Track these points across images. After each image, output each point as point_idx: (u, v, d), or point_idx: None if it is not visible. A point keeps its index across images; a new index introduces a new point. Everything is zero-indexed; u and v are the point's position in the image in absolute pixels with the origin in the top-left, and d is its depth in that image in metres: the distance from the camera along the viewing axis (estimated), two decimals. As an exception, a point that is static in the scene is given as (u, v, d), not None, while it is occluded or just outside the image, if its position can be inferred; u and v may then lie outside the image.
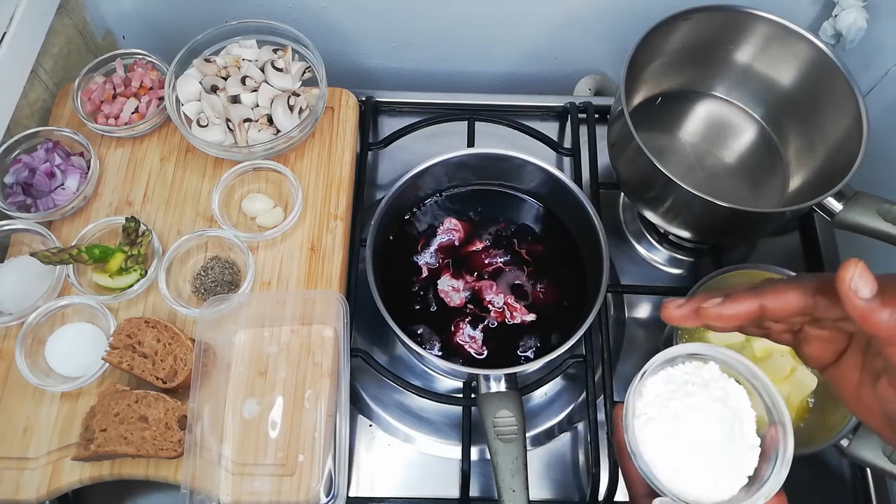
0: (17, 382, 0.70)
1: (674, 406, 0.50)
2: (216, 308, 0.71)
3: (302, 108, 0.81)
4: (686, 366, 0.52)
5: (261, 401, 0.70)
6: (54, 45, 0.87)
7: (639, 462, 0.48)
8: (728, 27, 0.80)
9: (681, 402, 0.50)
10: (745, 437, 0.49)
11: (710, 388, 0.50)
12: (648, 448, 0.49)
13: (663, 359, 0.51)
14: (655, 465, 0.48)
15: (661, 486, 0.47)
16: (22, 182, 0.78)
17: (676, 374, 0.51)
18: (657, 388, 0.51)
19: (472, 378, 0.72)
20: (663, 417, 0.50)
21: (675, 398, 0.50)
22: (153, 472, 0.68)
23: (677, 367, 0.52)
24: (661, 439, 0.49)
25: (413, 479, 0.75)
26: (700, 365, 0.51)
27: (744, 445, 0.49)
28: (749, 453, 0.49)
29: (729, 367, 0.51)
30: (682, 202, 0.72)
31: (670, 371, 0.52)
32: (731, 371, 0.51)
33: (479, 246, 0.80)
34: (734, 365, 0.51)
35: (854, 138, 0.70)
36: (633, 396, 0.50)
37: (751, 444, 0.49)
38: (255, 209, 0.79)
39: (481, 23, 0.97)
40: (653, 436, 0.49)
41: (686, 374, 0.51)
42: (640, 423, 0.50)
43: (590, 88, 1.05)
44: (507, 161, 0.78)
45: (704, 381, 0.51)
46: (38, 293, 0.72)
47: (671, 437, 0.49)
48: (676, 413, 0.49)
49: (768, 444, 0.49)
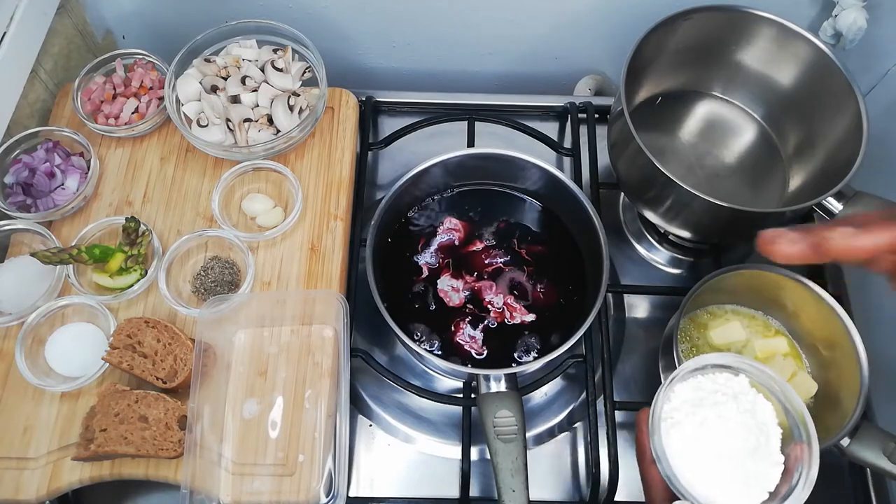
0: (17, 382, 0.70)
1: (701, 413, 0.50)
2: (216, 308, 0.71)
3: (302, 108, 0.81)
4: (716, 375, 0.52)
5: (261, 401, 0.70)
6: (54, 45, 0.87)
7: (662, 465, 0.48)
8: (728, 27, 0.80)
9: (709, 411, 0.50)
10: (769, 453, 0.49)
11: (739, 401, 0.50)
12: (672, 452, 0.49)
13: (694, 366, 0.51)
14: (678, 468, 0.48)
15: (682, 490, 0.47)
16: (22, 182, 0.78)
17: (706, 383, 0.51)
18: (686, 394, 0.51)
19: (472, 378, 0.72)
20: (690, 423, 0.50)
21: (704, 406, 0.50)
22: (153, 472, 0.68)
23: (707, 376, 0.52)
24: (685, 444, 0.49)
25: (413, 479, 0.75)
26: (731, 376, 0.51)
27: (768, 461, 0.49)
28: (772, 469, 0.49)
29: (759, 381, 0.51)
30: (682, 202, 0.72)
31: (700, 379, 0.52)
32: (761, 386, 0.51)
33: (479, 246, 0.80)
34: (765, 380, 0.51)
35: (854, 138, 0.70)
36: (661, 400, 0.50)
37: (775, 459, 0.49)
38: (255, 209, 0.79)
39: (481, 23, 0.97)
40: (677, 440, 0.49)
41: (716, 384, 0.51)
42: (665, 426, 0.50)
43: (590, 88, 1.05)
44: (507, 161, 0.78)
45: (734, 393, 0.51)
46: (38, 293, 0.72)
47: (696, 444, 0.49)
48: (703, 420, 0.49)
49: (792, 462, 0.49)
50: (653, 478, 0.50)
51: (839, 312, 0.67)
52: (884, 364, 0.76)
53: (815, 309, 0.69)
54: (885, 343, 0.79)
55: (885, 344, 0.78)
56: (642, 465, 0.51)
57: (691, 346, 0.74)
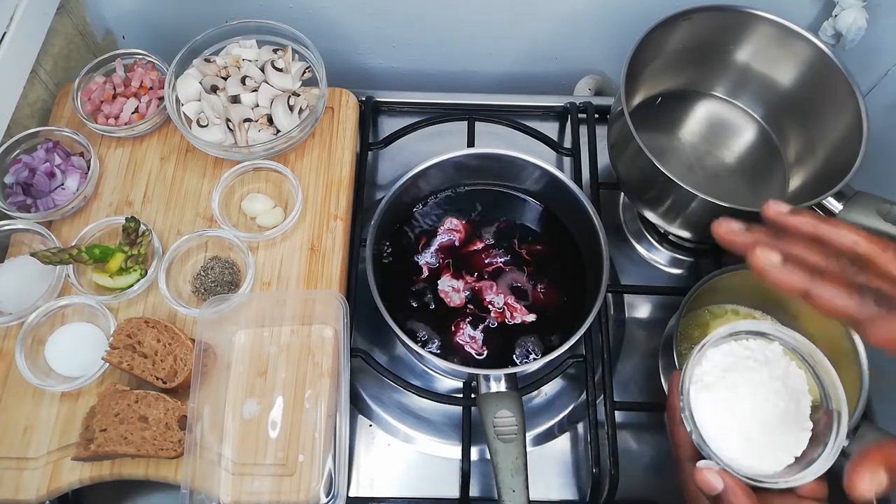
0: (17, 382, 0.70)
1: (732, 377, 0.50)
2: (216, 308, 0.71)
3: (302, 108, 0.81)
4: (750, 342, 0.52)
5: (261, 401, 0.70)
6: (54, 45, 0.87)
7: (689, 424, 0.49)
8: (728, 27, 0.80)
9: (739, 375, 0.50)
10: (798, 419, 0.50)
11: (771, 367, 0.51)
12: (700, 413, 0.49)
13: (727, 332, 0.52)
14: (705, 429, 0.49)
15: (708, 450, 0.48)
16: (22, 182, 0.78)
17: (738, 349, 0.52)
18: (718, 358, 0.51)
19: (472, 378, 0.72)
20: (720, 387, 0.50)
21: (735, 370, 0.51)
22: (153, 472, 0.68)
23: (741, 342, 0.52)
24: (714, 406, 0.50)
25: (413, 479, 0.75)
26: (765, 344, 0.52)
27: (796, 427, 0.50)
28: (800, 434, 0.49)
29: (793, 349, 0.52)
30: (682, 202, 0.72)
31: (733, 345, 0.52)
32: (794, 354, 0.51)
33: (479, 246, 0.80)
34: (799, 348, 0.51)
35: (854, 138, 0.71)
36: (693, 363, 0.51)
37: (803, 426, 0.50)
38: (255, 209, 0.79)
39: (481, 23, 0.97)
40: (707, 402, 0.50)
41: (748, 350, 0.52)
42: (696, 388, 0.50)
43: (590, 88, 1.05)
44: (507, 161, 0.78)
45: (766, 359, 0.51)
46: (38, 293, 0.72)
47: (725, 406, 0.50)
48: (734, 384, 0.50)
49: (820, 429, 0.49)
50: (680, 437, 0.50)
51: (839, 312, 0.67)
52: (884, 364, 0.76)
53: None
54: (885, 343, 0.79)
55: (885, 344, 0.78)
56: (671, 425, 0.52)
57: (691, 345, 0.74)
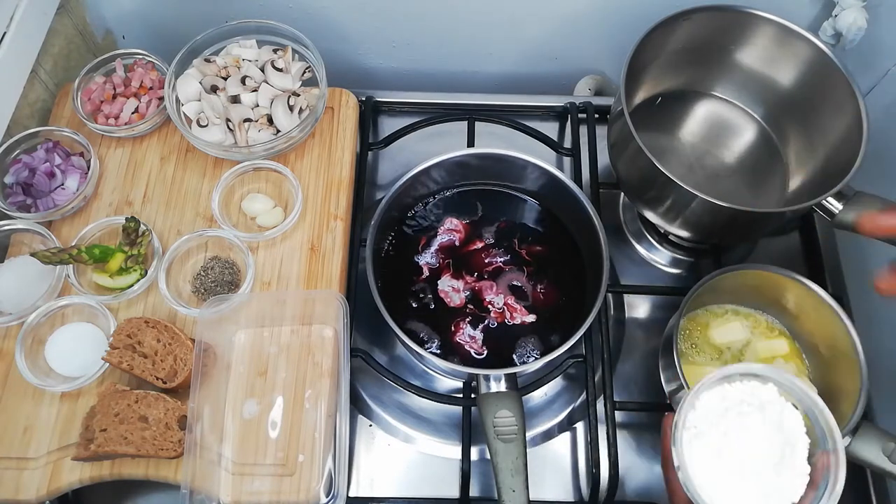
0: (17, 382, 0.70)
1: (725, 424, 0.49)
2: (216, 308, 0.71)
3: (302, 108, 0.81)
4: (744, 384, 0.51)
5: (261, 401, 0.70)
6: (54, 45, 0.87)
7: (681, 474, 0.48)
8: (728, 27, 0.80)
9: (733, 421, 0.49)
10: (794, 464, 0.49)
11: (766, 411, 0.50)
12: (694, 461, 0.49)
13: (721, 375, 0.51)
14: (698, 479, 0.48)
15: (700, 501, 0.47)
16: (22, 182, 0.78)
17: (732, 392, 0.51)
18: (711, 403, 0.50)
19: (472, 378, 0.72)
20: (713, 434, 0.49)
21: (728, 416, 0.50)
22: (153, 472, 0.68)
23: (734, 385, 0.51)
24: (707, 455, 0.49)
25: (413, 479, 0.74)
26: (758, 385, 0.51)
27: (792, 472, 0.49)
28: (797, 480, 0.48)
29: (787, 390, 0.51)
30: (682, 202, 0.72)
31: (726, 388, 0.51)
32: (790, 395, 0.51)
33: (479, 246, 0.80)
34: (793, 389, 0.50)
35: (854, 138, 0.70)
36: (686, 408, 0.50)
37: (800, 471, 0.49)
38: (255, 209, 0.79)
39: (481, 23, 0.97)
40: (700, 450, 0.49)
41: (742, 394, 0.51)
42: (688, 435, 0.49)
43: (590, 88, 1.05)
44: (507, 161, 0.78)
45: (761, 403, 0.50)
46: (38, 293, 0.72)
47: (718, 454, 0.49)
48: (727, 431, 0.49)
49: (818, 471, 0.48)
50: (675, 485, 0.50)
51: (839, 312, 0.67)
52: (884, 364, 0.76)
53: (816, 309, 0.69)
54: (885, 343, 0.79)
55: (885, 344, 0.78)
56: (666, 471, 0.51)
57: (691, 345, 0.74)
